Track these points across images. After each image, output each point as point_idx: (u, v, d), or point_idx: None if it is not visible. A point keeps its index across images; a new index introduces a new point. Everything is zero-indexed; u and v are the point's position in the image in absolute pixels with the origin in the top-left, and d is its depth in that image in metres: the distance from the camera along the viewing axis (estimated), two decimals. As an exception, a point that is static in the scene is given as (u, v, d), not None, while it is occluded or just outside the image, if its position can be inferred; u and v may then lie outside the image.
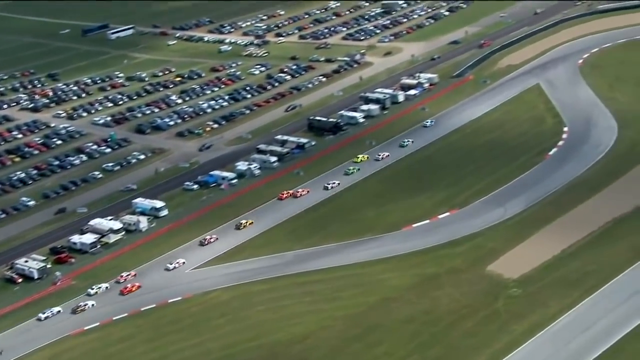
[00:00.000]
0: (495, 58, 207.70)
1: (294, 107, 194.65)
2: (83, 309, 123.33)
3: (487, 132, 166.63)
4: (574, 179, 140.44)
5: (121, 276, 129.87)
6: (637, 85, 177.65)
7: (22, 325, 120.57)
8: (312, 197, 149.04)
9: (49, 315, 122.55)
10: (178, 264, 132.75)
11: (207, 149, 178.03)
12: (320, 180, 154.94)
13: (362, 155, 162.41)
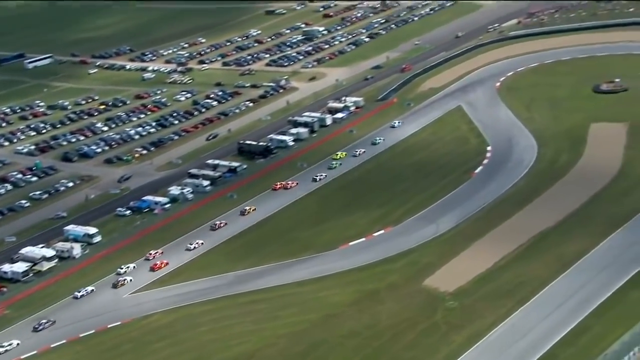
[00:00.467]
0: (417, 81, 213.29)
1: (214, 135, 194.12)
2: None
3: (416, 152, 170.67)
4: (500, 196, 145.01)
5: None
6: (552, 106, 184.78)
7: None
8: (248, 219, 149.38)
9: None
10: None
11: (125, 180, 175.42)
12: (257, 201, 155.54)
13: (340, 153, 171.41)
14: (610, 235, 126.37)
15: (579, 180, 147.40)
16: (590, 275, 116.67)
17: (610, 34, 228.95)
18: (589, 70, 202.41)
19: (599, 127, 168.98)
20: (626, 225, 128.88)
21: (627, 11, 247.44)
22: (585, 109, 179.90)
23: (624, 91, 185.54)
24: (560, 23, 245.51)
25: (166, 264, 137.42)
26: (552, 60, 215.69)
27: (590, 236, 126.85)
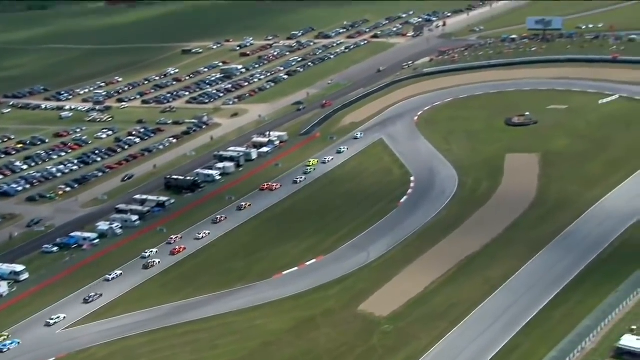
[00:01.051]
0: (339, 116, 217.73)
1: (130, 176, 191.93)
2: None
3: (343, 182, 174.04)
4: (426, 223, 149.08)
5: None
6: (468, 138, 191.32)
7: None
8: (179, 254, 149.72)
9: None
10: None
11: (35, 224, 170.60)
12: (189, 234, 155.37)
13: (313, 160, 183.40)
14: (532, 258, 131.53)
15: (499, 207, 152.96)
16: (517, 295, 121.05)
17: (517, 71, 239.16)
18: (500, 105, 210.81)
19: (513, 157, 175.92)
20: (546, 248, 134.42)
21: (530, 50, 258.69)
22: (499, 140, 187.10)
23: (534, 124, 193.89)
24: (470, 61, 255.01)
25: (184, 249, 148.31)
26: (466, 96, 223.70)
27: (514, 259, 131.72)
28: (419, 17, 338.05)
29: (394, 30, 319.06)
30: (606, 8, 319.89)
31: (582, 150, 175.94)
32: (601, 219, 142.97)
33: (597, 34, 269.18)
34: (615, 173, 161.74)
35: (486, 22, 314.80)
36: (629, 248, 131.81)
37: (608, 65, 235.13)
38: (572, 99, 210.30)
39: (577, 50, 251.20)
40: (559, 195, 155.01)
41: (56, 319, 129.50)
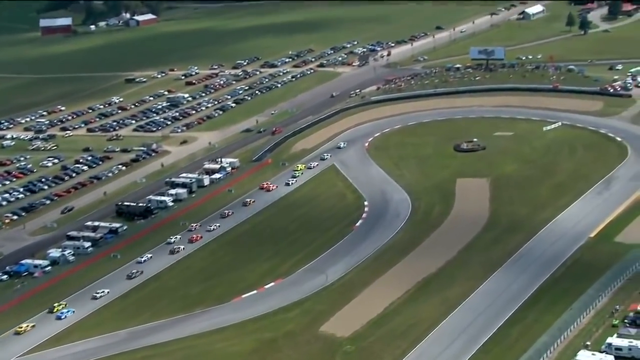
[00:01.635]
0: (290, 143, 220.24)
1: (70, 208, 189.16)
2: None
3: (298, 207, 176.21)
4: (382, 246, 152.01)
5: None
6: (419, 163, 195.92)
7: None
8: (134, 279, 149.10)
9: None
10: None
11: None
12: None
13: (301, 165, 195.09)
14: (488, 278, 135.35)
15: (453, 229, 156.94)
16: (474, 315, 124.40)
17: (463, 99, 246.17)
18: (448, 131, 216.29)
19: (464, 182, 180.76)
20: (501, 268, 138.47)
21: (475, 79, 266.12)
22: (449, 165, 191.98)
23: (482, 149, 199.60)
24: (416, 89, 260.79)
25: (201, 237, 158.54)
26: (414, 123, 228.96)
27: (471, 280, 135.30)
28: (363, 47, 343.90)
29: (340, 60, 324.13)
30: (544, 40, 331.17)
31: (530, 175, 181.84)
32: (552, 240, 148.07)
33: (537, 64, 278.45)
34: (563, 196, 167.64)
35: (429, 52, 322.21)
36: (580, 267, 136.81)
37: (549, 94, 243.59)
38: (517, 126, 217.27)
39: (519, 80, 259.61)
40: (510, 217, 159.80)
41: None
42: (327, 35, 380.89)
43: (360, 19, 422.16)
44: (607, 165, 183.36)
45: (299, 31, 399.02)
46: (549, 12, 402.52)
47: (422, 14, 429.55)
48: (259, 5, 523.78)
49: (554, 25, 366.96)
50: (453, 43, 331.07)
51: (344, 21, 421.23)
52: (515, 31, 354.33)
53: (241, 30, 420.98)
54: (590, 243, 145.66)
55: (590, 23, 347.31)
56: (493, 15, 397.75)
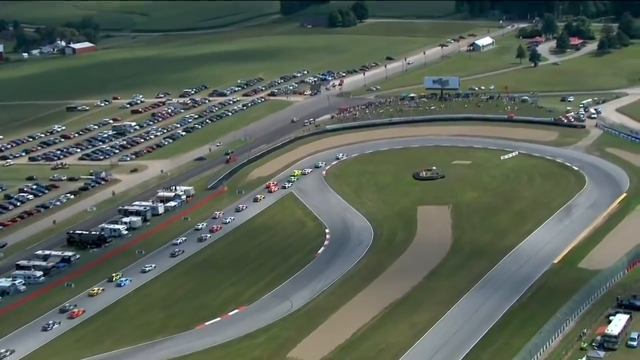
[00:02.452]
0: (245, 171, 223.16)
1: (2, 245, 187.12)
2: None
3: (258, 234, 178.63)
4: (346, 273, 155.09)
5: None
6: (379, 191, 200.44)
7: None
8: (97, 303, 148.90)
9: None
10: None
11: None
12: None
13: (297, 171, 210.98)
14: (455, 303, 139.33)
15: (417, 256, 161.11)
16: (444, 339, 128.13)
17: (419, 128, 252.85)
18: (406, 160, 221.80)
19: (425, 209, 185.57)
20: (468, 294, 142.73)
21: (430, 109, 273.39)
22: (410, 193, 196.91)
23: (442, 178, 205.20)
24: (371, 118, 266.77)
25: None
26: (372, 151, 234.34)
27: (438, 305, 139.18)
28: (313, 76, 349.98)
29: (291, 89, 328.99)
30: (495, 72, 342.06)
31: (490, 203, 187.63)
32: (517, 266, 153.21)
33: (491, 95, 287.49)
34: (524, 224, 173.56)
35: (382, 82, 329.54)
36: (547, 292, 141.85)
37: (505, 124, 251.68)
38: (475, 154, 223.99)
39: (473, 109, 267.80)
40: (473, 244, 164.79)
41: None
42: (276, 65, 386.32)
43: (308, 49, 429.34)
44: (566, 193, 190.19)
45: (245, 60, 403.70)
46: (498, 44, 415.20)
47: (371, 44, 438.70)
48: (198, 35, 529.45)
49: (504, 57, 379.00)
50: (405, 73, 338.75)
51: (292, 51, 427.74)
52: (466, 62, 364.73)
53: (184, 59, 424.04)
54: (554, 269, 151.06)
55: (539, 56, 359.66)
56: (443, 47, 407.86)
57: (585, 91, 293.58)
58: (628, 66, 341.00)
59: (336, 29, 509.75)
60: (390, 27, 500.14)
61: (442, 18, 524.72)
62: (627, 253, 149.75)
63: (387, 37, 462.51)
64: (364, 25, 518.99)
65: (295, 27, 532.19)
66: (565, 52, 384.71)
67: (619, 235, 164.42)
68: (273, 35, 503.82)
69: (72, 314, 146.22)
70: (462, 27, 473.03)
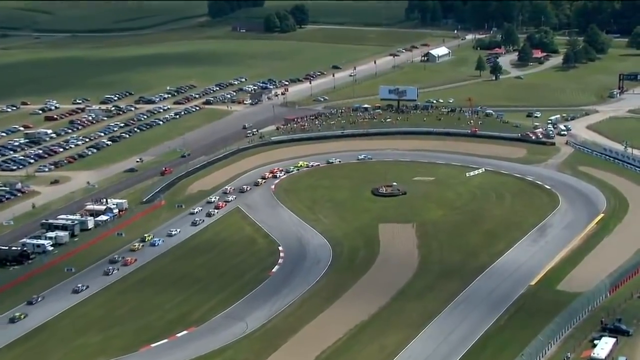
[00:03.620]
0: (184, 184, 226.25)
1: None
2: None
3: (203, 253, 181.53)
4: (306, 292, 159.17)
5: None
6: (335, 207, 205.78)
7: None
8: (23, 325, 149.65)
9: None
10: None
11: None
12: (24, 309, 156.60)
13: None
14: (427, 326, 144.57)
15: (381, 276, 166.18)
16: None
17: (375, 141, 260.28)
18: (364, 175, 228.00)
19: (387, 227, 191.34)
20: (439, 316, 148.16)
21: (386, 121, 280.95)
22: (369, 210, 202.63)
23: (403, 194, 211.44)
24: (322, 130, 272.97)
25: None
26: (325, 165, 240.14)
27: (408, 327, 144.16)
28: (253, 84, 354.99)
29: (229, 97, 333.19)
30: (453, 84, 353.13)
31: (458, 221, 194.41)
32: (490, 287, 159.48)
33: (452, 107, 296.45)
34: (496, 244, 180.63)
35: (329, 92, 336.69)
36: (525, 315, 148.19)
37: (468, 139, 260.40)
38: (438, 171, 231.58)
39: (433, 123, 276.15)
40: (442, 264, 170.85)
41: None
42: (208, 71, 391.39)
43: (244, 55, 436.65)
44: (539, 213, 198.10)
45: (172, 65, 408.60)
46: (455, 55, 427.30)
47: (314, 52, 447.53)
48: (113, 37, 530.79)
49: (461, 69, 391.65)
50: (355, 83, 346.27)
51: (225, 56, 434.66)
52: (420, 73, 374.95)
53: (101, 62, 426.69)
54: (531, 291, 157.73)
55: (501, 68, 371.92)
56: (395, 57, 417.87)
57: (552, 107, 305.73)
58: (596, 82, 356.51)
59: (273, 34, 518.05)
60: (334, 34, 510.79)
61: (391, 26, 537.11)
62: (608, 275, 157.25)
63: (331, 44, 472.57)
64: (304, 31, 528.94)
65: (226, 31, 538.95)
66: (527, 65, 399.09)
67: (598, 257, 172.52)
68: (202, 39, 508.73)
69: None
70: (413, 36, 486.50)
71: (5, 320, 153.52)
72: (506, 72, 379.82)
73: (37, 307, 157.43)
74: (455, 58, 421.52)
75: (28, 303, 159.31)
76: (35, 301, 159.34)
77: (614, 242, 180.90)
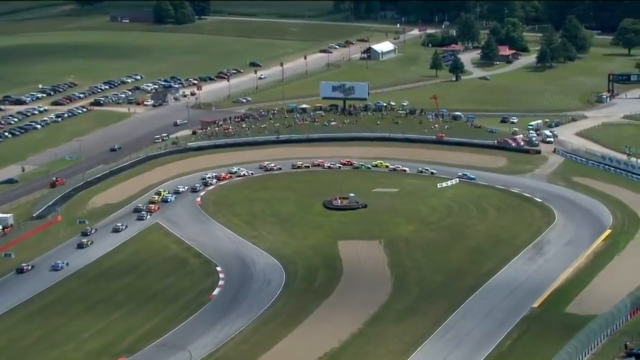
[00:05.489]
0: (84, 196, 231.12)
1: None
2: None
3: (120, 275, 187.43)
4: (258, 317, 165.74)
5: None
6: (281, 222, 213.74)
7: None
8: None
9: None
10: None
11: None
12: None
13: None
14: (414, 353, 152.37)
15: (350, 299, 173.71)
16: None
17: (320, 148, 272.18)
18: (310, 186, 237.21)
19: (349, 244, 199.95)
20: (427, 342, 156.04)
21: (330, 124, 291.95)
22: (323, 225, 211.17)
23: (364, 208, 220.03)
24: (251, 134, 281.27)
25: None
26: (259, 175, 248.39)
27: (390, 355, 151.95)
28: (153, 83, 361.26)
29: (124, 97, 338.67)
30: (404, 85, 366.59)
31: (434, 238, 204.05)
32: (485, 310, 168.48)
33: (412, 109, 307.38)
34: (484, 263, 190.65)
35: (251, 93, 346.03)
36: (532, 339, 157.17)
37: (435, 147, 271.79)
38: (403, 182, 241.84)
39: (389, 127, 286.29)
40: (423, 285, 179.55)
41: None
42: (90, 67, 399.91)
43: (133, 49, 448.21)
44: (532, 229, 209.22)
45: (39, 60, 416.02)
46: (402, 52, 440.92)
47: (224, 47, 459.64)
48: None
49: (412, 68, 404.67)
50: (281, 83, 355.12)
51: (109, 50, 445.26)
52: (363, 73, 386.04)
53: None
54: (535, 314, 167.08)
55: (463, 67, 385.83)
56: (328, 53, 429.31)
57: (529, 112, 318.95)
58: (579, 84, 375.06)
59: (167, 26, 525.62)
60: (246, 26, 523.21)
61: (315, 18, 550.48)
62: (628, 295, 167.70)
63: (244, 39, 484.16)
64: (207, 22, 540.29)
65: (103, 21, 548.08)
66: (493, 64, 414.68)
67: (610, 276, 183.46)
68: (72, 30, 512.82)
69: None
70: (346, 31, 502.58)
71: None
72: (468, 73, 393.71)
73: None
74: (402, 56, 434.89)
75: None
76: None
77: (627, 260, 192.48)
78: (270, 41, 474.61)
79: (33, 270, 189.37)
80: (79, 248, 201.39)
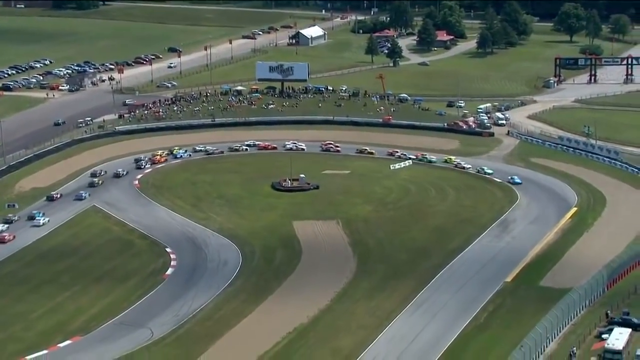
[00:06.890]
0: (8, 181, 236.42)
1: None
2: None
3: (62, 257, 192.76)
4: (219, 295, 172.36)
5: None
6: (229, 204, 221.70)
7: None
8: None
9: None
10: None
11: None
12: None
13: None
14: (386, 327, 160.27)
15: (314, 277, 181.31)
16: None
17: (262, 132, 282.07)
18: (255, 168, 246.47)
19: (305, 224, 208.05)
20: (399, 317, 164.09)
21: (268, 107, 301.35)
22: (275, 207, 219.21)
23: (316, 189, 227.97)
24: (184, 118, 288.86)
25: None
26: (199, 157, 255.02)
27: (363, 329, 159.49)
28: (65, 68, 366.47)
29: (36, 82, 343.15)
30: (340, 71, 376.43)
31: (394, 217, 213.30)
32: (457, 285, 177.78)
33: (355, 91, 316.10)
34: (449, 241, 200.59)
35: (176, 78, 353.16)
36: (508, 312, 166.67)
37: (383, 130, 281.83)
38: (353, 164, 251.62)
39: (332, 110, 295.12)
40: (388, 264, 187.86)
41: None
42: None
43: (37, 34, 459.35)
44: (495, 208, 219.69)
45: None
46: (331, 39, 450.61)
47: (137, 32, 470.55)
48: None
49: (345, 54, 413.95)
50: (207, 69, 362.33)
51: (10, 34, 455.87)
52: (293, 58, 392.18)
53: None
54: (509, 288, 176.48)
55: (400, 53, 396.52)
56: (252, 39, 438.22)
57: (476, 97, 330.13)
58: (523, 70, 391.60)
59: (67, 11, 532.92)
60: (156, 12, 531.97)
61: (230, 3, 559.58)
62: (605, 266, 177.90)
63: (157, 24, 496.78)
64: (112, 8, 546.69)
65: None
66: (431, 50, 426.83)
67: (582, 251, 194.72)
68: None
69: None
70: (266, 17, 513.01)
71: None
72: (405, 59, 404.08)
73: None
74: (332, 42, 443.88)
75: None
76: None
77: (596, 236, 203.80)
78: (185, 27, 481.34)
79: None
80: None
